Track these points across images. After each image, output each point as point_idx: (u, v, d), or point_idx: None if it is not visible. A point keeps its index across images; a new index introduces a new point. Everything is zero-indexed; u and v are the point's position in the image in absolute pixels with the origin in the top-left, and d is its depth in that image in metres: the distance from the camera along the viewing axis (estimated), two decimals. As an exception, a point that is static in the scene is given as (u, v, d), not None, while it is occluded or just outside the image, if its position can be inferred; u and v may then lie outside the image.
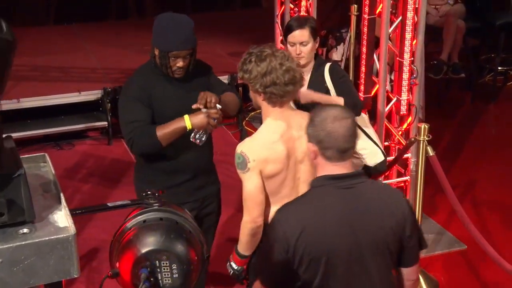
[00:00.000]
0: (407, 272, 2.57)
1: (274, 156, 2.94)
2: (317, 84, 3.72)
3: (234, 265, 3.16)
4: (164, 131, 3.26)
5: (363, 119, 4.03)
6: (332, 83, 3.78)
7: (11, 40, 1.73)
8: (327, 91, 3.78)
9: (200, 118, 3.24)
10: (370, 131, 4.05)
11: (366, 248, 2.39)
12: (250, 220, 2.99)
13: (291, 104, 3.31)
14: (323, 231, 2.36)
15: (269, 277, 2.48)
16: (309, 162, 3.09)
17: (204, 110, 3.25)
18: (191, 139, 3.26)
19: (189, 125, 3.24)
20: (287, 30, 3.79)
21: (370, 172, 4.08)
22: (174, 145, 3.32)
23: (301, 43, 3.71)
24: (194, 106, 3.25)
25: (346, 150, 2.39)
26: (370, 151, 3.96)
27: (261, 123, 3.10)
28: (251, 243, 3.07)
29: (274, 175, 2.97)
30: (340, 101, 3.66)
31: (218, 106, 3.27)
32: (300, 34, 3.71)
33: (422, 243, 2.58)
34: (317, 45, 3.79)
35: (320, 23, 6.42)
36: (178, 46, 3.29)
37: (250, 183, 2.94)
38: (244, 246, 3.09)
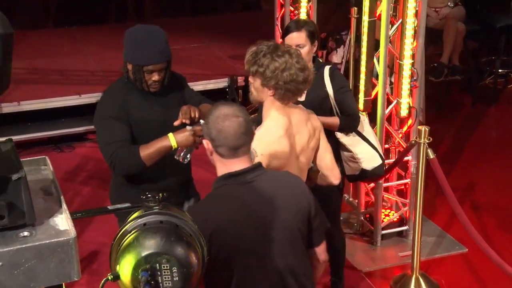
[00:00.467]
0: (318, 252, 2.67)
1: (281, 151, 2.94)
2: (316, 87, 3.72)
3: None
4: (148, 151, 3.13)
5: (362, 122, 4.03)
6: (332, 89, 3.79)
7: (1, 33, 1.71)
8: (326, 95, 3.80)
9: (185, 136, 3.11)
10: (370, 133, 4.06)
11: (279, 238, 2.44)
12: None
13: None
14: (233, 231, 2.39)
15: None
16: (305, 158, 3.13)
17: (189, 127, 3.13)
18: (176, 157, 3.14)
19: (174, 144, 3.12)
20: (285, 31, 3.82)
21: (368, 176, 4.09)
22: (156, 163, 3.20)
23: (297, 46, 3.70)
24: (176, 123, 3.15)
25: (238, 147, 2.43)
26: (367, 155, 3.97)
27: (258, 125, 3.10)
28: None
29: (280, 169, 2.95)
30: (336, 121, 3.77)
31: (202, 121, 3.19)
32: (297, 37, 3.72)
33: (325, 221, 2.69)
34: (314, 49, 3.80)
35: (320, 26, 6.41)
36: (152, 60, 3.18)
37: None
38: None
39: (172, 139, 3.12)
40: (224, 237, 2.36)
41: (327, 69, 3.83)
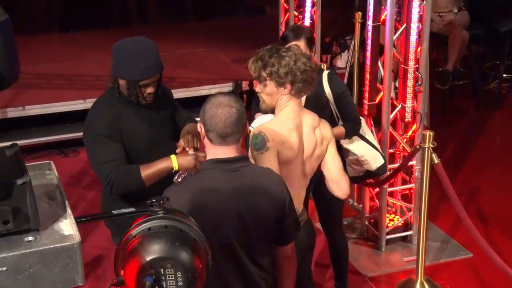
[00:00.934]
0: (285, 250, 2.74)
1: (289, 143, 2.95)
2: (316, 93, 3.69)
3: None
4: (148, 171, 3.08)
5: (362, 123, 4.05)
6: (332, 94, 3.79)
7: None
8: (326, 101, 3.80)
9: (187, 160, 3.08)
10: (369, 135, 4.07)
11: (252, 227, 2.54)
12: None
13: None
14: (210, 213, 2.49)
15: None
16: (309, 165, 3.13)
17: (191, 152, 3.14)
18: (174, 181, 3.09)
19: (175, 166, 3.07)
20: (283, 40, 3.76)
21: (372, 176, 4.11)
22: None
23: None
24: (178, 151, 3.16)
25: (227, 136, 2.56)
26: (371, 156, 4.00)
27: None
28: None
29: (288, 163, 2.96)
30: (342, 131, 3.80)
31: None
32: (297, 44, 3.68)
33: (297, 224, 2.76)
34: (313, 55, 3.79)
35: (324, 30, 6.43)
36: (148, 73, 3.15)
37: (269, 164, 2.86)
38: None
39: (174, 161, 3.09)
40: (200, 218, 2.34)
41: (325, 74, 3.83)
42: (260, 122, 3.16)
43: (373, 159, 3.99)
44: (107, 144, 3.14)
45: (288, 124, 2.97)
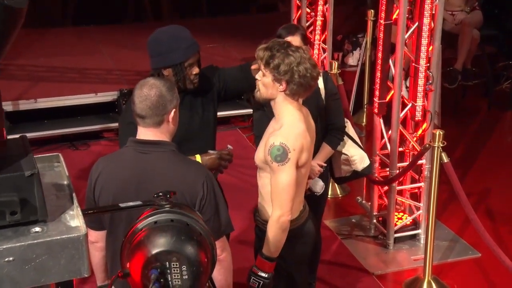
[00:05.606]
0: None
1: (306, 144, 2.96)
2: (314, 94, 3.67)
3: (263, 274, 3.03)
4: None
5: (348, 125, 4.05)
6: (325, 92, 3.78)
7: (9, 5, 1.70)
8: (323, 102, 3.81)
9: (212, 159, 3.21)
10: (353, 134, 4.09)
11: None
12: (282, 214, 2.94)
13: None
14: (112, 183, 2.70)
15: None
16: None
17: (213, 151, 3.25)
18: None
19: None
20: (278, 38, 3.67)
21: (357, 176, 4.12)
22: None
23: None
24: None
25: (142, 117, 2.68)
26: (359, 157, 4.02)
27: (258, 138, 3.13)
28: (283, 240, 3.01)
29: (304, 165, 2.98)
30: (329, 151, 3.81)
31: (229, 146, 3.27)
32: (292, 40, 3.66)
33: (221, 228, 2.73)
34: (309, 50, 3.79)
35: (336, 28, 6.43)
36: (190, 51, 3.25)
37: (288, 175, 2.90)
38: (275, 245, 3.01)
39: (198, 160, 3.19)
40: (104, 184, 2.70)
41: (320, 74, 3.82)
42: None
43: (361, 159, 4.02)
44: (133, 132, 3.21)
45: (300, 126, 2.97)
